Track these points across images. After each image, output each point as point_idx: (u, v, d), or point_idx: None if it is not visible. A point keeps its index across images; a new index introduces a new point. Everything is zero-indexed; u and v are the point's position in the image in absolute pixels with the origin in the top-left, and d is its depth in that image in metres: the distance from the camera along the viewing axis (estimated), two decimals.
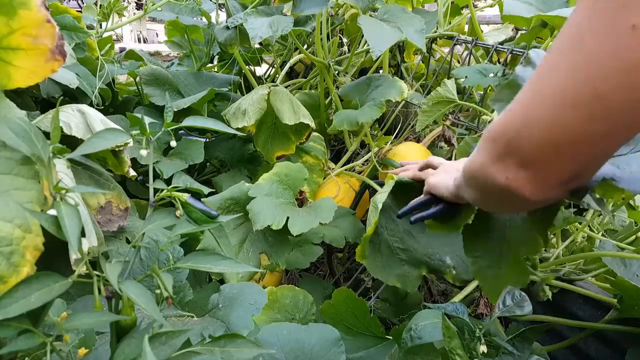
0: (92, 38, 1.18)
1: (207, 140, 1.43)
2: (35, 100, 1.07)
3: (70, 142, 0.71)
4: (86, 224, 0.65)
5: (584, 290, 1.04)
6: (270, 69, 1.88)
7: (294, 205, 1.07)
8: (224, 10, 1.56)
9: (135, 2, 2.55)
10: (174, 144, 0.73)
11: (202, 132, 1.44)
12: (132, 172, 0.88)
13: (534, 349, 0.82)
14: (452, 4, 1.63)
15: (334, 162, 1.47)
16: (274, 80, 1.61)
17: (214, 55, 1.76)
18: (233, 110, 1.28)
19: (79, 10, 1.39)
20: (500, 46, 1.26)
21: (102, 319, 0.46)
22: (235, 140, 1.43)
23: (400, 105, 1.47)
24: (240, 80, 1.56)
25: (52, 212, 0.46)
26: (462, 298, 1.01)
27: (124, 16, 1.48)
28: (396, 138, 1.50)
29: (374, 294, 1.12)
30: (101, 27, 1.39)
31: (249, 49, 1.66)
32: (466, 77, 1.21)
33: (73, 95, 1.10)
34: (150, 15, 1.45)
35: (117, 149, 0.85)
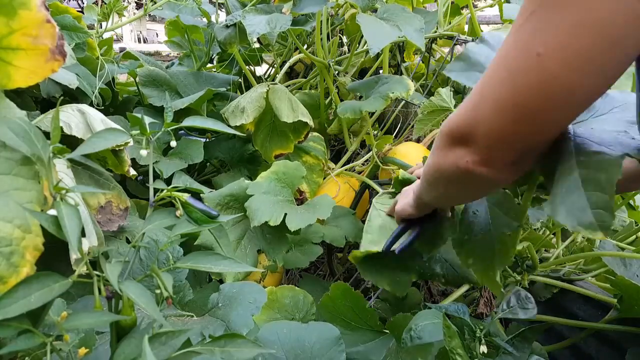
0: (93, 38, 1.18)
1: (207, 140, 1.43)
2: (35, 100, 1.07)
3: (70, 142, 0.71)
4: (86, 224, 0.65)
5: (584, 290, 1.04)
6: (270, 68, 1.88)
7: (292, 202, 1.07)
8: (224, 10, 1.56)
9: (135, 2, 2.55)
10: (174, 144, 0.73)
11: (202, 132, 1.43)
12: (132, 172, 0.88)
13: (534, 349, 0.81)
14: (452, 4, 1.63)
15: (334, 162, 1.47)
16: (273, 80, 1.60)
17: (213, 55, 1.76)
18: (232, 109, 1.28)
19: (79, 10, 1.39)
20: None
21: (102, 319, 0.46)
22: (235, 140, 1.43)
23: (400, 105, 1.47)
24: (240, 80, 1.56)
25: (52, 212, 0.46)
26: (462, 298, 1.01)
27: (124, 16, 1.48)
28: (396, 138, 1.50)
29: (374, 294, 1.12)
30: (101, 27, 1.38)
31: (248, 48, 1.66)
32: None
33: (73, 95, 1.10)
34: (151, 15, 1.45)
35: (117, 149, 0.85)
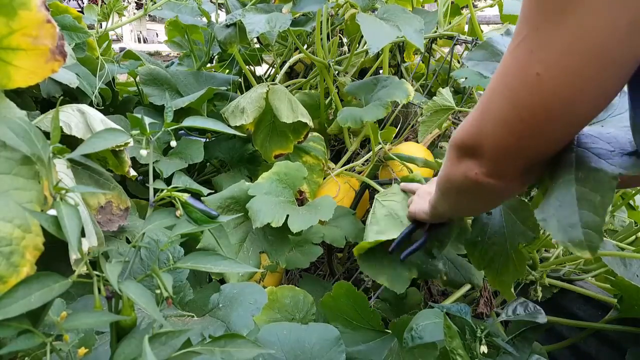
0: (93, 38, 1.18)
1: (207, 140, 1.43)
2: (35, 100, 1.06)
3: (70, 142, 0.71)
4: (86, 224, 0.65)
5: (584, 290, 1.05)
6: (270, 68, 1.87)
7: (293, 203, 1.07)
8: (224, 10, 1.56)
9: (135, 2, 2.55)
10: (174, 143, 0.73)
11: (202, 132, 1.43)
12: (133, 172, 0.88)
13: (534, 348, 0.82)
14: (452, 4, 1.63)
15: (334, 162, 1.47)
16: (273, 80, 1.60)
17: (214, 55, 1.76)
18: (232, 109, 1.28)
19: (79, 10, 1.38)
20: None
21: (102, 319, 0.46)
22: (235, 140, 1.42)
23: (400, 105, 1.46)
24: (240, 80, 1.55)
25: (52, 212, 0.46)
26: (462, 298, 1.01)
27: (124, 16, 1.48)
28: (396, 138, 1.50)
29: (374, 294, 1.12)
30: (101, 27, 1.38)
31: (248, 48, 1.66)
32: (465, 78, 1.21)
33: (73, 95, 1.10)
34: (151, 15, 1.45)
35: (117, 149, 0.85)
